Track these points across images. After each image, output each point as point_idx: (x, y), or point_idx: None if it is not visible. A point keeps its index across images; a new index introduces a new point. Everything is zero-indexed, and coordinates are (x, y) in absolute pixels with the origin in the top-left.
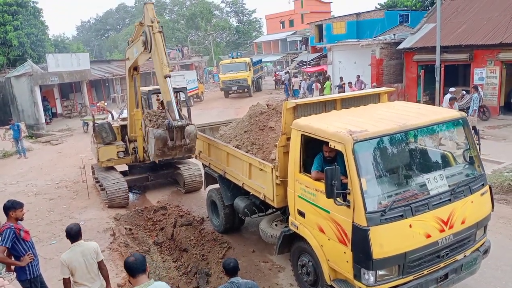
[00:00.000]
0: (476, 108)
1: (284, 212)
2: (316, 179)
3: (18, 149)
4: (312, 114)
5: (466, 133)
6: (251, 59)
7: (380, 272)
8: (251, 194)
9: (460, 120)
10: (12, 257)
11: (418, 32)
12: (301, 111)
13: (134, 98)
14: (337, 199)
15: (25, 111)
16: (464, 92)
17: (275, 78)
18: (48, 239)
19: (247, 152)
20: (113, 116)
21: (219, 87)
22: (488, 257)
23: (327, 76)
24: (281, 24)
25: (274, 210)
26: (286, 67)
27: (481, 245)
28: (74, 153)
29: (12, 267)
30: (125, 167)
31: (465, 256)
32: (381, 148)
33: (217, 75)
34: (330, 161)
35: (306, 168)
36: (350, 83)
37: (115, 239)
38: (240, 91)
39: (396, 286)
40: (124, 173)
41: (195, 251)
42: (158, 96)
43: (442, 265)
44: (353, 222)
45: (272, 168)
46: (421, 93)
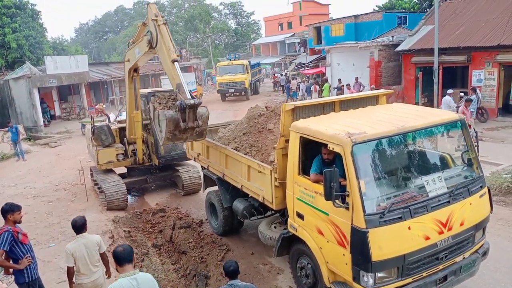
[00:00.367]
0: (474, 110)
1: (283, 214)
2: (315, 181)
3: (17, 152)
4: (311, 116)
5: (465, 135)
6: (249, 62)
7: (379, 274)
8: (250, 196)
9: (459, 122)
10: (10, 260)
11: (416, 34)
12: (300, 113)
13: (134, 100)
14: (336, 201)
15: (24, 114)
16: (463, 94)
17: (274, 80)
18: (47, 242)
19: (246, 154)
20: (110, 119)
21: (216, 90)
22: (487, 259)
23: (325, 78)
24: (280, 26)
25: (273, 212)
26: (285, 69)
27: (480, 247)
28: (73, 156)
29: (10, 270)
30: (124, 170)
31: (464, 258)
32: (380, 150)
33: (215, 77)
34: (329, 163)
35: (305, 170)
36: (349, 85)
37: (114, 242)
38: (237, 94)
39: None
40: (123, 176)
41: (194, 254)
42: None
43: (441, 267)
44: (352, 224)
45: (271, 170)
46: (420, 95)
